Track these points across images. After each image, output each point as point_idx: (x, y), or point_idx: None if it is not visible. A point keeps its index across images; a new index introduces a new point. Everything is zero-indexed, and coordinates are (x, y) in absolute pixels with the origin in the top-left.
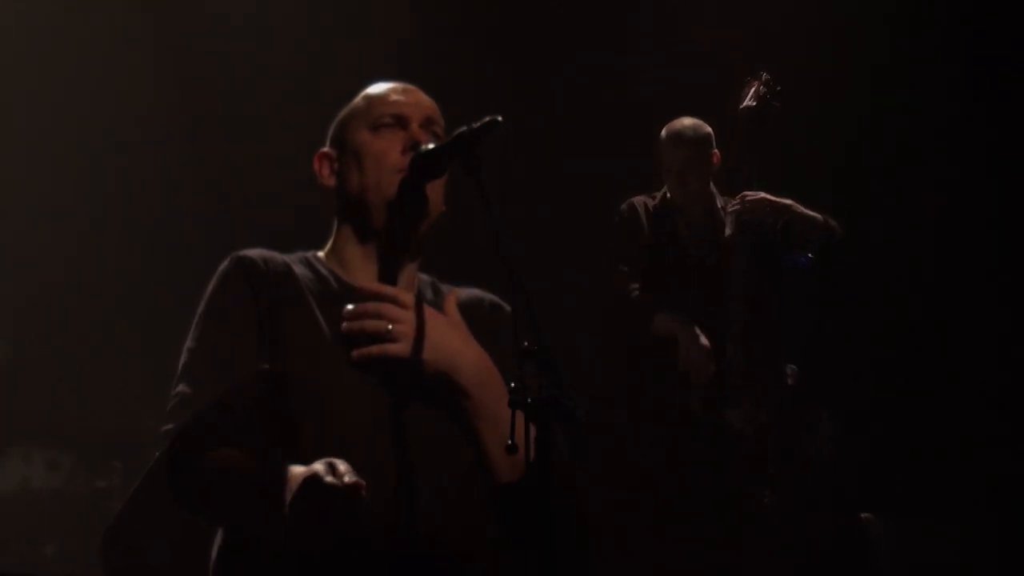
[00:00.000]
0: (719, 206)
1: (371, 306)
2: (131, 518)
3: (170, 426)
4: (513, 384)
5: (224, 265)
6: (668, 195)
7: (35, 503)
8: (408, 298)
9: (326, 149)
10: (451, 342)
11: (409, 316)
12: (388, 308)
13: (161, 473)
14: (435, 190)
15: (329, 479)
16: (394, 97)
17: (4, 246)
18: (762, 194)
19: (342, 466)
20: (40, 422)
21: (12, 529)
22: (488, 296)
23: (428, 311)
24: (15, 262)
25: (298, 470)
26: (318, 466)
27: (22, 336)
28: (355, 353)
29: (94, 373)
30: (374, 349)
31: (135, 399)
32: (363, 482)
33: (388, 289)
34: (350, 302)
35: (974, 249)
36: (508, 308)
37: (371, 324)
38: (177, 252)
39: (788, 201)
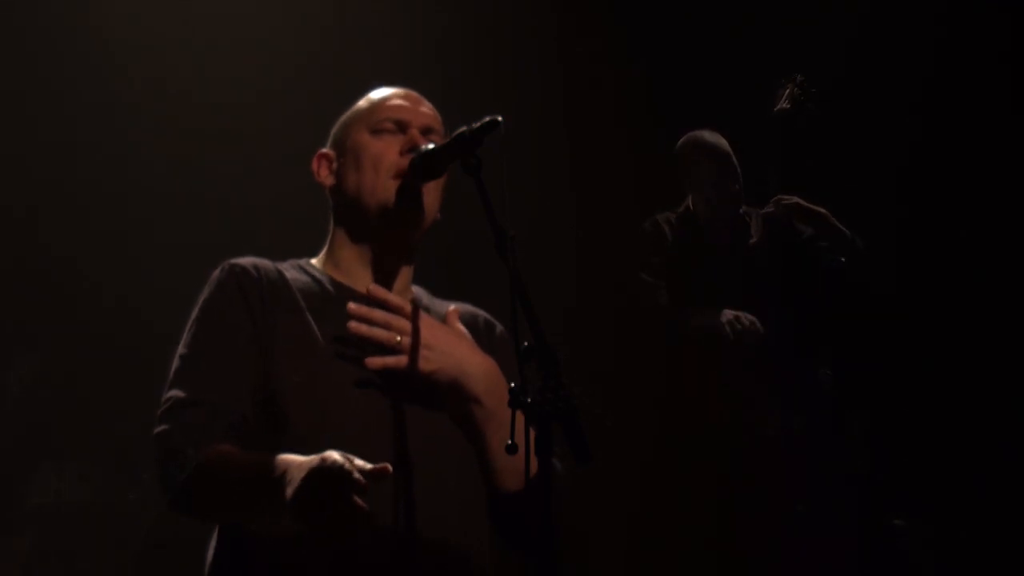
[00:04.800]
0: (741, 212)
1: (380, 315)
2: (163, 531)
3: (163, 427)
4: (513, 384)
5: (216, 273)
6: (691, 207)
7: (67, 516)
8: (412, 308)
9: (325, 150)
10: (461, 351)
11: (418, 328)
12: (399, 320)
13: (159, 476)
14: (432, 193)
15: (347, 465)
16: (396, 102)
17: (32, 258)
18: (796, 199)
19: (358, 461)
20: (71, 435)
21: (45, 542)
22: (482, 313)
23: (433, 321)
24: (43, 274)
25: (302, 457)
26: (334, 453)
27: (52, 348)
28: (370, 362)
29: (124, 384)
30: (390, 360)
31: None
32: (388, 467)
33: (396, 298)
34: (353, 303)
35: (1015, 254)
36: (501, 327)
37: (381, 334)
38: (205, 262)
39: (822, 210)
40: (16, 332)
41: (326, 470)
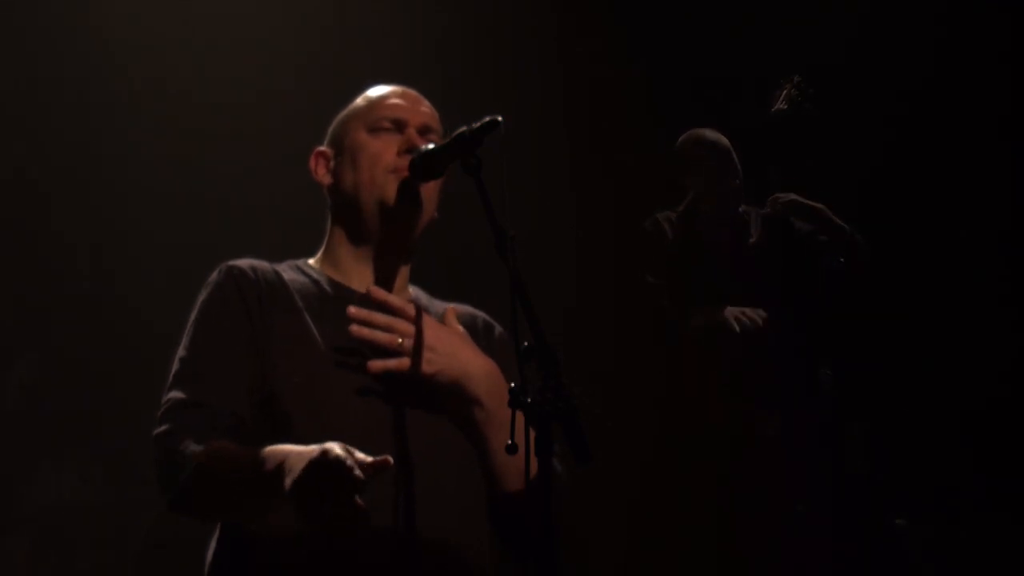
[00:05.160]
0: (741, 211)
1: (381, 318)
2: (163, 531)
3: (162, 429)
4: (513, 384)
5: (213, 275)
6: (691, 205)
7: (67, 516)
8: (413, 310)
9: (323, 148)
10: (462, 353)
11: (419, 329)
12: (400, 323)
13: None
14: (431, 192)
15: (348, 460)
16: (393, 100)
17: (32, 258)
18: (793, 195)
19: (358, 454)
20: (71, 435)
21: (46, 542)
22: (481, 314)
23: (435, 323)
24: (43, 274)
25: (301, 447)
26: (335, 446)
27: (52, 348)
28: (372, 365)
29: (124, 384)
30: (391, 363)
31: None
32: (389, 460)
33: (396, 300)
34: (353, 305)
35: (1015, 253)
36: (500, 328)
37: (383, 337)
38: (206, 262)
39: (820, 205)
40: (16, 332)
41: (327, 463)
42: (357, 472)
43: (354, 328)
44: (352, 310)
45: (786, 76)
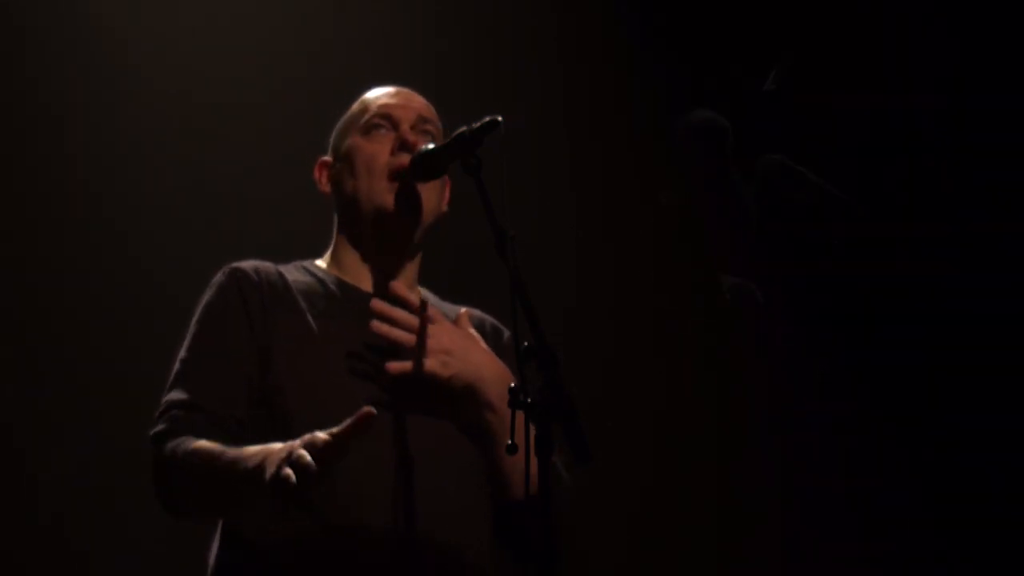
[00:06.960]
0: (741, 195)
1: (403, 315)
2: (164, 531)
3: (159, 428)
4: (513, 384)
5: (216, 276)
6: (690, 188)
7: (68, 514)
8: (431, 310)
9: (325, 157)
10: (477, 357)
11: (436, 331)
12: (418, 321)
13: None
14: (432, 191)
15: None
16: (384, 100)
17: (31, 258)
18: (779, 156)
19: (328, 433)
20: (71, 434)
21: (46, 541)
22: (489, 319)
23: (450, 325)
24: (43, 274)
25: (280, 444)
26: (299, 440)
27: (52, 348)
28: (391, 367)
29: (124, 384)
30: (408, 365)
31: None
32: (372, 410)
33: (416, 299)
34: (363, 303)
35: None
36: (508, 333)
37: (402, 335)
38: (207, 262)
39: (803, 169)
40: (15, 332)
41: (291, 458)
42: (307, 460)
43: (375, 324)
44: (375, 303)
45: (777, 60)
